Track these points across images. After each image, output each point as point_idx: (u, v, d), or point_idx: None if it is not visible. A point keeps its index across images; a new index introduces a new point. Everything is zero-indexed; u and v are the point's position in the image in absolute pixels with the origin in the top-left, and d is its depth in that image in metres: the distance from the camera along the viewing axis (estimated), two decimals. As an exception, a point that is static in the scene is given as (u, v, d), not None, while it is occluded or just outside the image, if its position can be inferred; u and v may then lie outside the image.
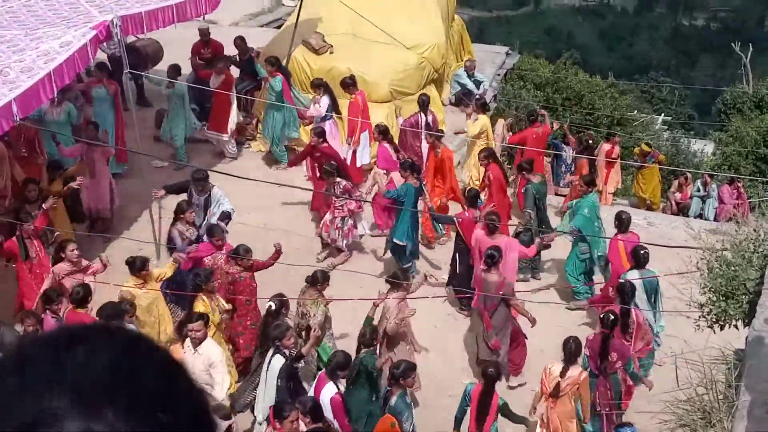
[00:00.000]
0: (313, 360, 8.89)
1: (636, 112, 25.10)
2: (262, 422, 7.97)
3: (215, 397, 7.82)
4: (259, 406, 8.15)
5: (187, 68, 14.16)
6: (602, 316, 8.54)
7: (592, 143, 15.25)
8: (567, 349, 8.10)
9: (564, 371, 8.06)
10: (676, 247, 8.88)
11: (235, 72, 14.07)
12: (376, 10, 14.15)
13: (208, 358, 7.96)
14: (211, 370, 7.95)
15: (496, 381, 8.11)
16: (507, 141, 14.20)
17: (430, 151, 12.26)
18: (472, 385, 8.24)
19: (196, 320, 8.00)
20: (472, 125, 13.21)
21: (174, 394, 0.97)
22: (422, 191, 11.10)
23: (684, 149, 23.83)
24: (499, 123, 14.58)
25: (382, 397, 8.09)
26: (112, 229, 11.43)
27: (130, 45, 12.97)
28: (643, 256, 9.47)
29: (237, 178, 10.18)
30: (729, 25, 69.67)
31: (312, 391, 7.96)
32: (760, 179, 18.35)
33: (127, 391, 0.93)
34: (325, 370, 8.05)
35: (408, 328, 9.09)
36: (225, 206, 10.53)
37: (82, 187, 11.05)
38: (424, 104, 12.96)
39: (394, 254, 10.94)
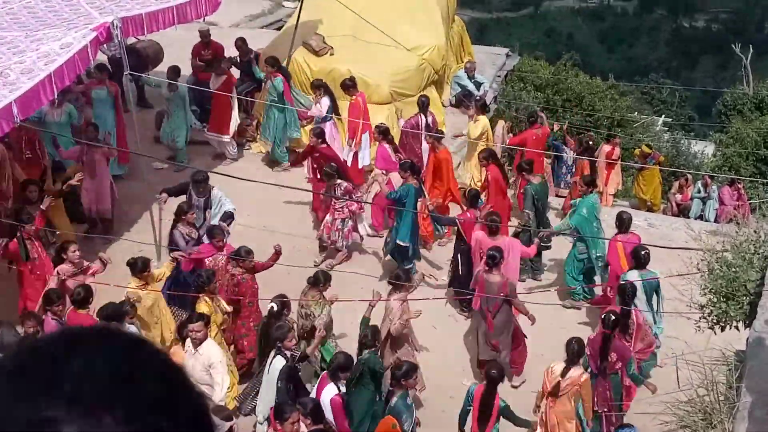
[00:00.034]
0: (317, 360, 8.89)
1: (636, 113, 25.11)
2: (263, 422, 7.97)
3: (215, 398, 7.82)
4: (260, 407, 8.15)
5: (187, 70, 14.14)
6: (603, 317, 8.55)
7: (592, 144, 15.26)
8: (570, 350, 8.11)
9: (565, 371, 8.07)
10: (676, 249, 8.88)
11: (235, 73, 14.07)
12: (377, 12, 14.13)
13: (208, 358, 7.96)
14: (211, 370, 7.95)
15: (499, 382, 8.11)
16: (507, 143, 14.20)
17: (431, 152, 12.27)
18: (475, 386, 8.24)
19: (196, 321, 8.00)
20: (474, 127, 13.21)
21: (174, 399, 0.96)
22: (422, 192, 11.10)
23: (684, 151, 23.84)
24: (499, 125, 14.57)
25: (384, 398, 8.08)
26: (113, 230, 11.42)
27: (130, 46, 12.95)
28: (643, 256, 9.48)
29: (237, 179, 10.17)
30: (729, 26, 69.66)
31: (314, 392, 7.96)
32: (761, 181, 18.33)
33: (126, 396, 0.92)
34: (327, 371, 8.04)
35: (409, 328, 9.09)
36: (227, 206, 10.52)
37: (82, 189, 11.04)
38: (423, 105, 12.96)
39: (394, 256, 10.92)
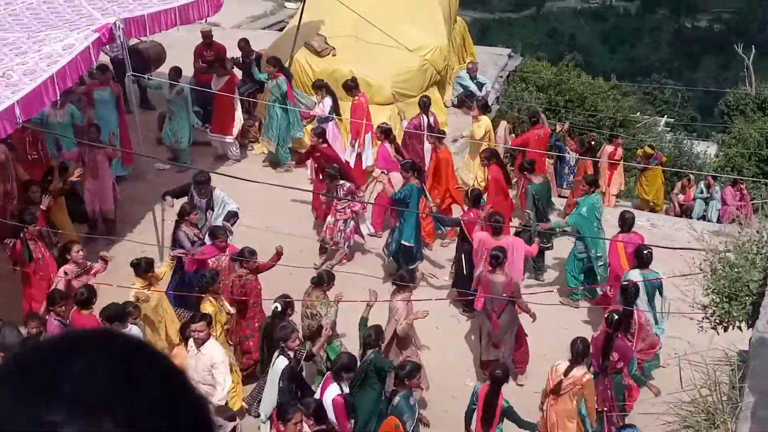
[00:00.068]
0: (322, 360, 8.89)
1: (639, 114, 25.07)
2: (266, 422, 7.97)
3: (216, 398, 7.82)
4: (262, 407, 8.15)
5: (189, 71, 14.14)
6: (607, 316, 8.56)
7: (594, 145, 15.25)
8: (574, 350, 8.10)
9: (568, 370, 8.07)
10: (679, 249, 8.87)
11: (238, 74, 14.07)
12: (379, 13, 14.13)
13: (211, 358, 7.96)
14: (213, 370, 7.95)
15: (503, 383, 8.11)
16: (510, 143, 14.20)
17: (433, 153, 12.26)
18: (480, 386, 8.24)
19: (198, 321, 8.01)
20: (477, 127, 13.20)
21: (174, 400, 0.96)
22: (424, 192, 11.09)
23: (687, 151, 23.80)
24: (501, 125, 14.56)
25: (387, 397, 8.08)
26: (116, 231, 11.43)
27: (132, 47, 12.96)
28: (646, 255, 9.47)
29: (240, 180, 10.18)
30: (732, 26, 69.63)
31: (318, 391, 7.95)
32: (763, 181, 18.29)
33: (126, 399, 0.91)
34: (331, 371, 8.04)
35: (412, 328, 9.09)
36: (230, 206, 10.51)
37: (84, 189, 11.05)
38: (425, 106, 12.96)
39: (397, 258, 10.87)
